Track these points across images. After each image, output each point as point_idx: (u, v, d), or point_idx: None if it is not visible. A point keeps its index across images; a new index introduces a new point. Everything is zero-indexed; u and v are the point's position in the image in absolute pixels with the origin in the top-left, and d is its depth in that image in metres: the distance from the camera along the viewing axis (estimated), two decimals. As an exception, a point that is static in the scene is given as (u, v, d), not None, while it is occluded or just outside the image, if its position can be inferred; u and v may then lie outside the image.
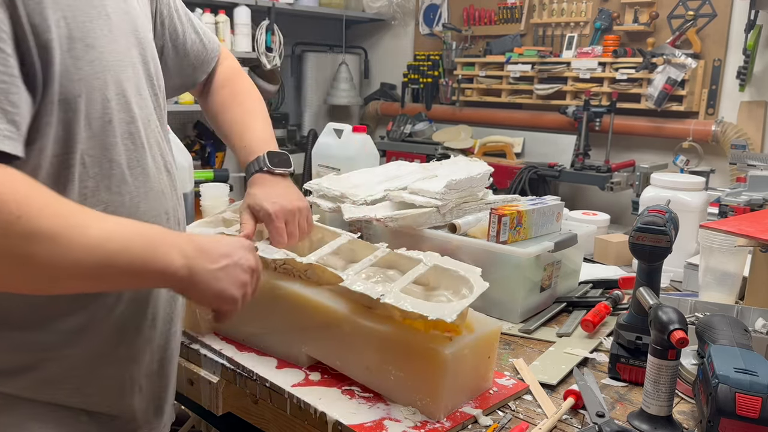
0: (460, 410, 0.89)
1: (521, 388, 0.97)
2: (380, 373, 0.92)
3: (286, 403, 0.94)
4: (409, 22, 4.38)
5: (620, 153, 3.47)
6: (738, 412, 0.75)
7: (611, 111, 3.28)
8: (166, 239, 0.77)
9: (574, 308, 1.31)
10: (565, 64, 3.56)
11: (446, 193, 1.31)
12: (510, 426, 0.88)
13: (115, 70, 0.79)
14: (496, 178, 1.57)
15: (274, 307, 1.02)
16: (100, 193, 0.79)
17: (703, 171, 2.20)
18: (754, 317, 1.10)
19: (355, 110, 4.64)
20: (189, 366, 1.07)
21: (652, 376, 0.85)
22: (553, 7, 3.71)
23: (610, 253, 1.61)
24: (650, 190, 1.53)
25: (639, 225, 0.98)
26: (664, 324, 0.83)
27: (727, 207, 1.60)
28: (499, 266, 1.21)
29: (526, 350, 1.12)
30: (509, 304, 1.22)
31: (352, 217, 1.30)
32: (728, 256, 1.26)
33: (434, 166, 1.56)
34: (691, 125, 3.22)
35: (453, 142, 3.82)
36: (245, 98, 1.15)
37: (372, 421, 0.86)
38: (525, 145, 3.68)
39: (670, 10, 3.29)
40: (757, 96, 3.13)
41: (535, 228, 1.32)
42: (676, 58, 3.14)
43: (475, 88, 3.95)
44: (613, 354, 1.02)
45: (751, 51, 3.01)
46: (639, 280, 1.00)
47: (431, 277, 1.00)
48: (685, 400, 0.95)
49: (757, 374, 0.77)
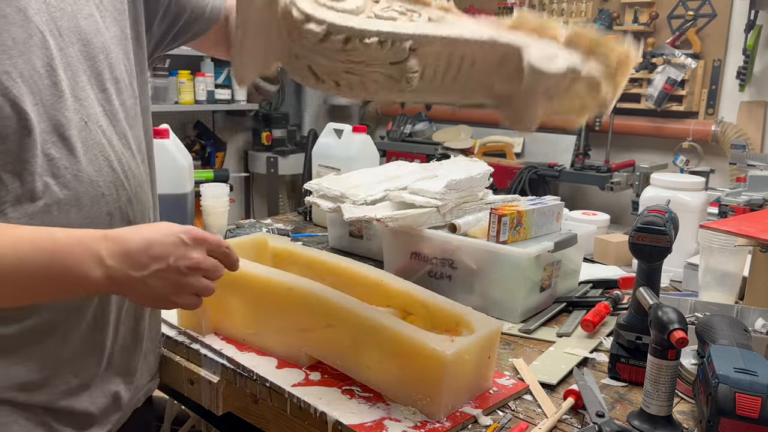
0: (460, 410, 0.89)
1: (521, 388, 0.97)
2: (380, 373, 0.92)
3: (286, 403, 0.94)
4: (409, 22, 4.38)
5: (620, 153, 3.47)
6: (738, 412, 0.75)
7: (611, 111, 3.28)
8: (82, 246, 0.72)
9: (574, 308, 1.31)
10: (565, 64, 3.56)
11: (446, 193, 1.31)
12: (510, 426, 0.88)
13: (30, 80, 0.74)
14: (496, 178, 1.57)
15: (274, 306, 1.02)
16: (23, 206, 0.76)
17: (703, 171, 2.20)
18: (753, 317, 1.10)
19: (355, 110, 4.64)
20: (189, 366, 1.07)
21: (652, 376, 0.85)
22: (553, 7, 3.71)
23: (610, 253, 1.61)
24: (650, 190, 1.53)
25: (639, 225, 0.98)
26: (664, 324, 0.83)
27: (727, 207, 1.60)
28: (499, 266, 1.22)
29: (526, 350, 1.12)
30: (509, 304, 1.22)
31: (352, 217, 1.30)
32: (728, 256, 1.26)
33: (434, 166, 1.56)
34: (691, 125, 3.22)
35: (453, 142, 3.82)
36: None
37: (372, 421, 0.86)
38: (525, 145, 3.68)
39: (670, 10, 3.30)
40: (756, 96, 3.14)
41: (535, 228, 1.32)
42: (676, 58, 3.14)
43: (475, 88, 3.95)
44: (613, 354, 1.02)
45: (750, 51, 3.01)
46: (639, 280, 1.00)
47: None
48: (685, 400, 0.95)
49: (757, 374, 0.77)
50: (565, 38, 0.81)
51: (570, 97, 0.83)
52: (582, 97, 0.83)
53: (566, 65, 0.78)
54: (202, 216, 1.69)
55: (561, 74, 0.78)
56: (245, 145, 4.19)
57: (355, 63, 0.77)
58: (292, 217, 2.05)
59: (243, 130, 4.15)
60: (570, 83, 0.81)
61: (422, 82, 0.78)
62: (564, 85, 0.81)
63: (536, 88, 0.78)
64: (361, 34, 0.74)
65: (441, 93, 0.85)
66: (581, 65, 0.80)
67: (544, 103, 0.81)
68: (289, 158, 3.98)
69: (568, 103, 0.84)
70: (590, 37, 0.81)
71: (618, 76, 0.84)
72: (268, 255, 1.22)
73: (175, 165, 1.58)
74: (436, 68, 0.78)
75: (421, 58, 0.76)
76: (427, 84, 0.79)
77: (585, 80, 0.81)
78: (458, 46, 0.77)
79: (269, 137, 3.97)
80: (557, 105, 0.83)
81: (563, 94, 0.82)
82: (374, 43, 0.74)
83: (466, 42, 0.77)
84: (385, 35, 0.74)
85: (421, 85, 0.79)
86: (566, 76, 0.79)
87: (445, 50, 0.77)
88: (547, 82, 0.78)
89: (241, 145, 4.18)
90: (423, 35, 0.75)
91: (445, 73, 0.79)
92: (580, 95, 0.83)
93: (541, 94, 0.80)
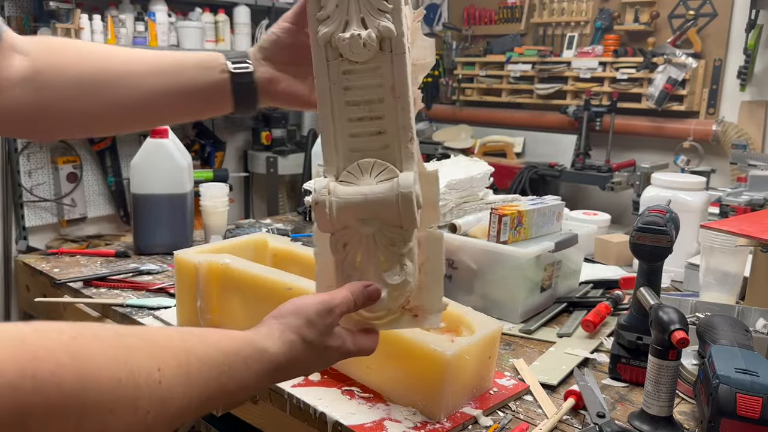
0: (461, 411, 0.89)
1: (522, 389, 0.97)
2: (380, 373, 0.92)
3: (286, 404, 0.94)
4: (410, 22, 4.38)
5: (621, 153, 3.47)
6: (739, 413, 0.75)
7: (612, 111, 3.28)
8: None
9: (575, 308, 1.30)
10: (566, 63, 3.56)
11: (446, 193, 1.31)
12: (510, 426, 0.88)
13: None
14: (496, 178, 1.57)
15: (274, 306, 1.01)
16: None
17: (703, 171, 2.20)
18: (754, 317, 1.10)
19: (356, 110, 4.64)
20: (189, 366, 1.07)
21: (652, 376, 0.85)
22: (554, 6, 3.71)
23: (611, 253, 1.61)
24: (651, 190, 1.53)
25: (640, 225, 0.98)
26: (664, 324, 0.82)
27: (728, 207, 1.60)
28: (499, 266, 1.21)
29: (527, 350, 1.12)
30: (510, 305, 1.22)
31: (352, 217, 1.30)
32: (729, 256, 1.26)
33: (434, 165, 1.56)
34: (691, 125, 3.22)
35: (453, 141, 3.82)
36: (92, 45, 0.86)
37: (372, 422, 0.86)
38: (525, 145, 3.68)
39: (671, 10, 3.29)
40: (757, 96, 3.13)
41: (535, 228, 1.31)
42: (677, 58, 3.14)
43: (475, 87, 3.95)
44: (614, 354, 1.02)
45: (751, 51, 3.01)
46: (639, 281, 1.00)
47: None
48: (685, 401, 0.95)
49: (758, 374, 0.76)
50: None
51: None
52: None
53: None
54: (201, 216, 1.69)
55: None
56: (245, 145, 4.18)
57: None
58: (291, 217, 2.05)
59: (242, 130, 4.14)
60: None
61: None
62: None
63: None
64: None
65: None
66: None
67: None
68: (288, 158, 3.97)
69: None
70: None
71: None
72: (268, 255, 1.22)
73: (175, 165, 1.58)
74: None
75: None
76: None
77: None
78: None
79: (269, 137, 3.96)
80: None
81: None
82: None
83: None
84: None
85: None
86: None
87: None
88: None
89: (240, 144, 4.17)
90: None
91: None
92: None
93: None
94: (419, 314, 0.72)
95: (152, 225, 1.59)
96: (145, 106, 0.78)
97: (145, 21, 3.23)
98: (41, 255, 1.61)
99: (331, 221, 0.65)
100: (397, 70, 0.65)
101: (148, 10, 3.28)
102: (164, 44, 3.37)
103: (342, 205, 0.65)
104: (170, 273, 1.45)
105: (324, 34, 0.65)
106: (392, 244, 0.67)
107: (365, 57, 0.65)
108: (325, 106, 0.67)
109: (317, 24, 0.66)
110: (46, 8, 2.90)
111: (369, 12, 0.64)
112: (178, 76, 0.77)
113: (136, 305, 1.25)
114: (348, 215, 0.65)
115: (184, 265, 1.08)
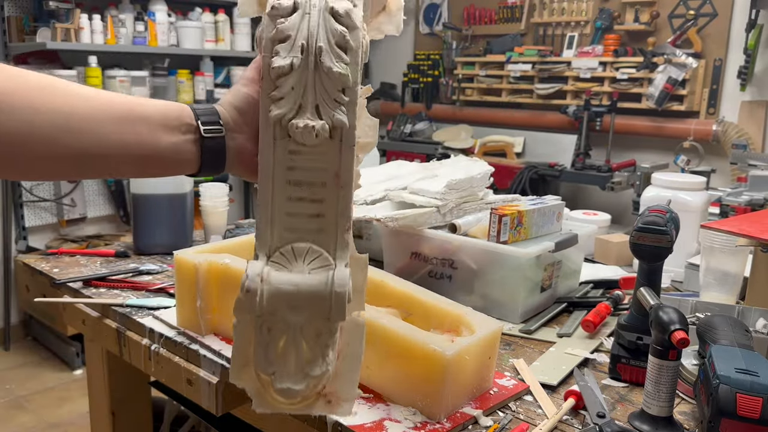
0: (461, 411, 0.89)
1: (522, 389, 0.97)
2: (380, 373, 0.92)
3: (286, 404, 0.94)
4: (409, 22, 4.38)
5: (621, 153, 3.47)
6: (739, 413, 0.74)
7: (612, 110, 3.28)
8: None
9: (575, 308, 1.30)
10: (566, 63, 3.56)
11: (446, 193, 1.31)
12: (510, 427, 0.88)
13: None
14: (496, 177, 1.57)
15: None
16: None
17: (703, 171, 2.20)
18: (755, 317, 1.10)
19: (356, 110, 4.64)
20: (188, 366, 1.07)
21: (652, 376, 0.85)
22: (554, 6, 3.71)
23: (611, 253, 1.61)
24: (651, 190, 1.53)
25: (640, 225, 0.98)
26: (664, 324, 0.82)
27: (728, 207, 1.60)
28: (499, 266, 1.21)
29: (527, 351, 1.12)
30: (510, 305, 1.22)
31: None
32: (729, 256, 1.26)
33: (434, 165, 1.56)
34: (691, 125, 3.22)
35: (453, 141, 3.82)
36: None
37: (372, 422, 0.86)
38: (525, 145, 3.68)
39: (671, 10, 3.29)
40: (758, 96, 3.13)
41: (535, 228, 1.31)
42: (677, 58, 3.14)
43: (475, 87, 3.95)
44: (614, 354, 1.02)
45: (752, 50, 3.01)
46: (640, 281, 1.00)
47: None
48: (685, 401, 0.95)
49: (758, 375, 0.76)
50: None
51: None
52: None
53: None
54: (201, 216, 1.68)
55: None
56: (245, 145, 4.19)
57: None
58: (292, 216, 2.05)
59: (243, 130, 4.15)
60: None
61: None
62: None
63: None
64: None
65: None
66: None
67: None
68: (289, 158, 3.97)
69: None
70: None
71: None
72: (267, 255, 1.22)
73: None
74: None
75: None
76: None
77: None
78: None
79: (269, 137, 3.96)
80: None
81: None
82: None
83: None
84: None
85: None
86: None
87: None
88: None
89: (241, 144, 4.18)
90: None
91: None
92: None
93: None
94: (333, 400, 0.70)
95: (152, 225, 1.59)
96: (94, 159, 0.66)
97: (145, 21, 3.23)
98: (41, 255, 1.61)
99: (260, 307, 0.63)
100: (345, 160, 0.64)
101: (147, 9, 3.29)
102: (164, 44, 3.37)
103: (273, 293, 0.63)
104: (170, 273, 1.45)
105: (276, 115, 0.63)
106: (318, 335, 0.65)
107: (314, 143, 0.64)
108: (266, 182, 0.65)
109: (270, 102, 0.64)
110: (45, 8, 2.90)
111: (324, 101, 0.63)
112: (138, 128, 0.67)
113: (136, 305, 1.25)
114: (278, 304, 0.63)
115: (184, 265, 1.08)
